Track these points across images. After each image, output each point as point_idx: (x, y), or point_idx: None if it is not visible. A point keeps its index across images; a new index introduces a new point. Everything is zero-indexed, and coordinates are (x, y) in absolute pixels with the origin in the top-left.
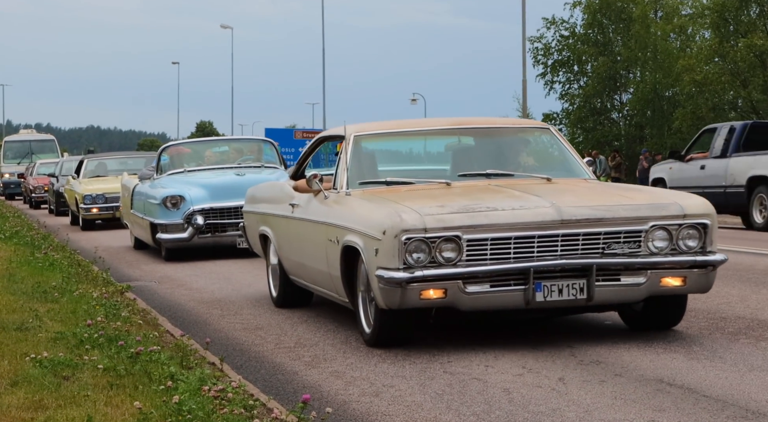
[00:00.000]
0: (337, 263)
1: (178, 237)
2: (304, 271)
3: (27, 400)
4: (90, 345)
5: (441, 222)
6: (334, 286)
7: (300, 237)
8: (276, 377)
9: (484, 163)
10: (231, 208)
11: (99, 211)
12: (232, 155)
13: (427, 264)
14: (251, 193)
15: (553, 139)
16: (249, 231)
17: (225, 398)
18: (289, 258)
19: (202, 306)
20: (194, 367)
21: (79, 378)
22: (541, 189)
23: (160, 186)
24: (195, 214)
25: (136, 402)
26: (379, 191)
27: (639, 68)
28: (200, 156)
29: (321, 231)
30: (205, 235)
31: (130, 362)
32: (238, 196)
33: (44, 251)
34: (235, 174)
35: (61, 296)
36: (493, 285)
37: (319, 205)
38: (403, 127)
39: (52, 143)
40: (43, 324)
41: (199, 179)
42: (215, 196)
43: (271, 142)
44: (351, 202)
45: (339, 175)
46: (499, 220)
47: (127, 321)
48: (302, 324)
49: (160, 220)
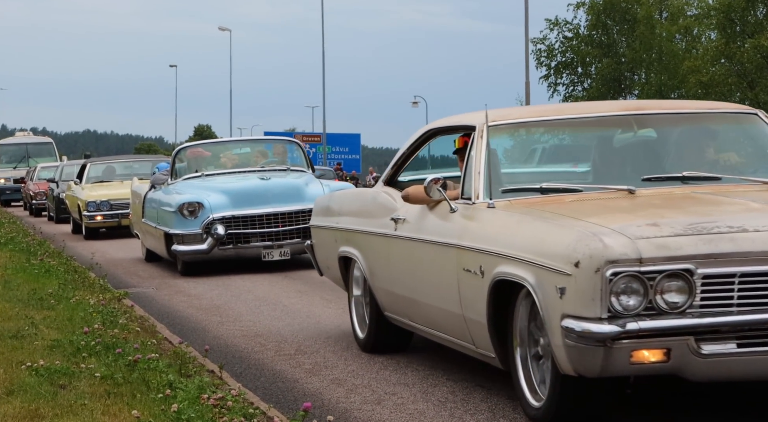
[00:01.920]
0: (480, 303)
1: (197, 249)
2: (414, 309)
3: (23, 409)
4: (87, 353)
5: (663, 249)
6: (468, 334)
7: (410, 264)
8: (276, 385)
9: (675, 162)
10: (255, 216)
11: (103, 219)
12: (255, 158)
13: (642, 313)
14: (324, 202)
15: (762, 128)
16: (320, 251)
17: (224, 406)
18: (388, 291)
19: (200, 312)
20: (193, 375)
21: (76, 387)
22: None
23: (175, 192)
24: (215, 223)
25: (134, 411)
26: (533, 202)
27: (644, 70)
28: (219, 159)
29: (450, 258)
30: (227, 247)
31: (128, 370)
32: (262, 203)
33: (40, 257)
34: (258, 178)
35: (57, 303)
36: (742, 345)
37: (442, 221)
38: (558, 113)
39: (49, 146)
40: (39, 331)
41: (218, 184)
42: (237, 202)
43: (297, 142)
44: (499, 217)
45: (470, 181)
46: (753, 247)
47: (125, 328)
48: (303, 331)
49: (175, 230)
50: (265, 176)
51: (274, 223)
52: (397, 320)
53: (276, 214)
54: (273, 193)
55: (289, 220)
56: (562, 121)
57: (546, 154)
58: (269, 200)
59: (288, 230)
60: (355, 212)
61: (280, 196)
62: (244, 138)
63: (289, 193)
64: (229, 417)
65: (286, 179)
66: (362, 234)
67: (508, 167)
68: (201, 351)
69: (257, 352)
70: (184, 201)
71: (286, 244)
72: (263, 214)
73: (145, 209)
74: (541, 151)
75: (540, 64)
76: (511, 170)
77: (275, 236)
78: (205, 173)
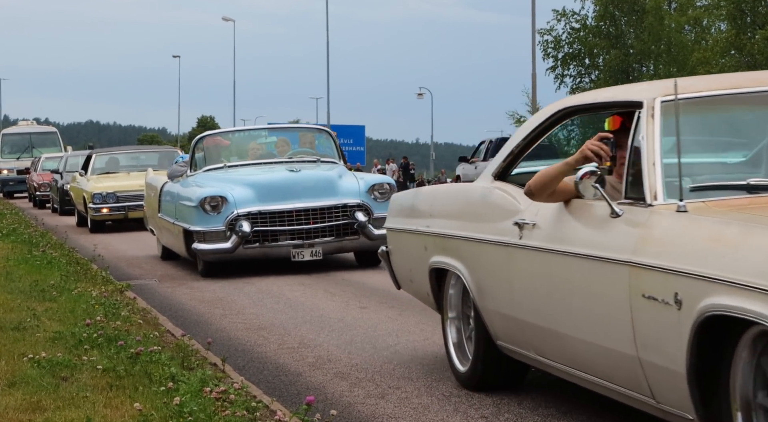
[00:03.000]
0: (673, 344)
1: (220, 247)
2: (549, 343)
3: (25, 401)
4: (89, 345)
5: None
6: (645, 383)
7: (545, 283)
8: (279, 378)
9: None
10: (284, 212)
11: (110, 212)
12: (281, 147)
13: None
14: (407, 200)
15: None
16: (401, 260)
17: (227, 399)
18: (506, 315)
19: (203, 305)
20: (195, 368)
21: (78, 379)
22: None
23: (195, 184)
24: (240, 219)
25: (136, 404)
26: (736, 204)
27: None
28: (243, 148)
29: (618, 279)
30: (252, 245)
31: (130, 362)
32: (292, 197)
33: (42, 249)
34: (287, 170)
35: (59, 295)
36: None
37: (599, 229)
38: (759, 85)
39: (54, 136)
40: (41, 323)
41: (243, 176)
42: (264, 196)
43: (328, 130)
44: (700, 226)
45: (643, 176)
46: None
47: (127, 320)
48: (306, 324)
49: (196, 227)
50: (295, 168)
51: (304, 220)
52: (518, 353)
53: (307, 210)
54: (303, 187)
55: (322, 217)
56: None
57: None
58: (299, 194)
59: (320, 227)
60: (455, 214)
61: (311, 189)
62: (270, 126)
63: (322, 186)
64: (231, 411)
65: (317, 171)
66: (468, 242)
67: (693, 156)
68: (203, 343)
69: (260, 345)
70: (205, 195)
71: (318, 243)
72: (293, 210)
73: (162, 203)
74: (739, 132)
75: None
76: (696, 160)
77: (306, 234)
78: (228, 164)
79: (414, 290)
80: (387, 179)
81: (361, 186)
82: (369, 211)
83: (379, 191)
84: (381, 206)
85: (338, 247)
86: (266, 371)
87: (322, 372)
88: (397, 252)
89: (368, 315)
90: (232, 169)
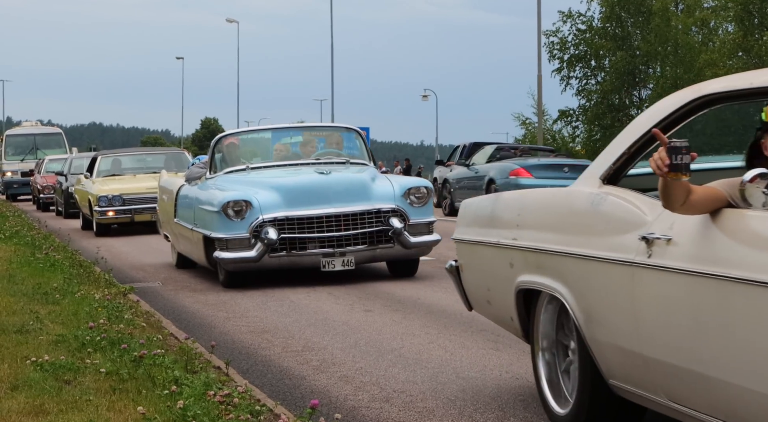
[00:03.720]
0: None
1: (244, 256)
2: (693, 389)
3: (27, 405)
4: (92, 348)
5: None
6: None
7: (687, 313)
8: (283, 381)
9: None
10: (313, 218)
11: (115, 215)
12: (307, 148)
13: None
14: (484, 207)
15: None
16: (475, 278)
17: (231, 403)
18: (625, 349)
19: (207, 308)
20: (199, 371)
21: (81, 383)
22: None
23: (216, 188)
24: (265, 226)
25: (140, 407)
26: None
27: (659, 63)
28: (266, 149)
29: None
30: (279, 254)
31: (133, 366)
32: (321, 202)
33: (45, 251)
34: (316, 172)
35: (62, 298)
36: None
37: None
38: None
39: (59, 137)
40: (43, 326)
41: (268, 179)
42: (292, 201)
43: (357, 129)
44: None
45: None
46: None
47: (130, 323)
48: (310, 327)
49: (218, 234)
50: (324, 170)
51: (335, 227)
52: (640, 396)
53: (338, 216)
54: (334, 191)
55: (354, 223)
56: None
57: None
58: (330, 199)
59: (352, 235)
60: (553, 224)
61: (342, 193)
62: (296, 125)
63: (354, 190)
64: (235, 414)
65: (348, 173)
66: (572, 259)
67: None
68: (207, 347)
69: (264, 348)
70: (228, 199)
71: (350, 252)
72: (323, 216)
73: (179, 208)
74: None
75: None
76: None
77: (337, 242)
78: (251, 166)
79: (493, 313)
80: (424, 182)
81: (396, 190)
82: (405, 217)
83: (416, 195)
84: (417, 211)
85: (371, 256)
86: (270, 374)
87: (327, 375)
88: (471, 269)
89: (373, 319)
90: (256, 170)
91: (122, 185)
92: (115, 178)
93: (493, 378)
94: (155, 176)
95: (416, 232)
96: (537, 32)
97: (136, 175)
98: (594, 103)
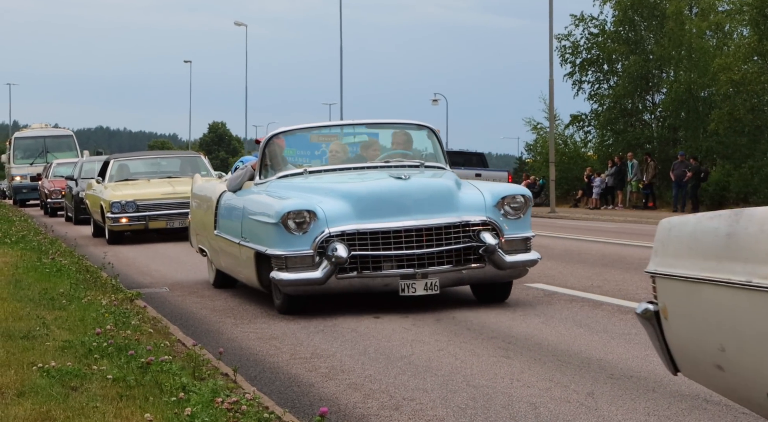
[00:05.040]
0: None
1: (307, 277)
2: None
3: (34, 412)
4: (99, 354)
5: None
6: None
7: None
8: (292, 389)
9: None
10: (390, 232)
11: (129, 222)
12: (369, 149)
13: None
14: (712, 227)
15: None
16: (698, 329)
17: (239, 410)
18: None
19: (214, 314)
20: (207, 378)
21: (88, 389)
22: None
23: (271, 195)
24: (333, 241)
25: (147, 415)
26: None
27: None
28: (322, 149)
29: None
30: (348, 275)
31: (141, 372)
32: (399, 213)
33: (51, 256)
34: (392, 176)
35: (68, 303)
36: None
37: None
38: None
39: (69, 140)
40: (50, 332)
41: (334, 185)
42: (364, 211)
43: (431, 127)
44: None
45: None
46: None
47: (137, 329)
48: (319, 333)
49: (276, 250)
50: (402, 174)
51: (416, 243)
52: None
53: (420, 229)
54: (414, 199)
55: (438, 238)
56: None
57: None
58: (409, 209)
59: (436, 252)
60: None
61: (424, 203)
62: (359, 121)
63: (438, 198)
64: None
65: (431, 179)
66: None
67: None
68: (215, 353)
69: (272, 355)
70: (289, 208)
71: (434, 273)
72: (401, 229)
73: (220, 218)
74: None
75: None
76: None
77: (418, 261)
78: (309, 169)
79: (727, 385)
80: (521, 190)
81: (488, 198)
82: (498, 232)
83: (511, 205)
84: (513, 224)
85: (457, 278)
86: (278, 381)
87: (335, 383)
88: (689, 317)
89: (382, 325)
90: (315, 175)
91: (136, 190)
92: (129, 182)
93: (504, 386)
94: (170, 181)
95: (512, 250)
96: (549, 36)
97: (150, 180)
98: (606, 107)
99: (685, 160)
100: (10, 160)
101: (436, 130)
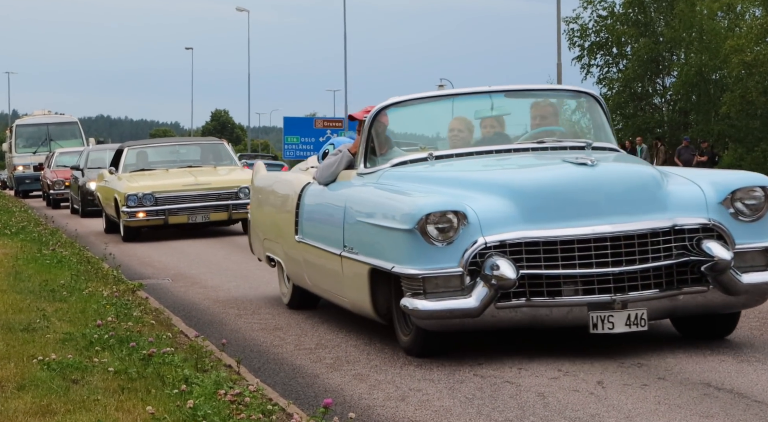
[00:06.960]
0: None
1: (456, 306)
2: None
3: (34, 405)
4: (100, 346)
5: None
6: None
7: None
8: (296, 380)
9: None
10: (574, 241)
11: (146, 216)
12: (497, 129)
13: None
14: None
15: None
16: None
17: (242, 402)
18: None
19: (217, 305)
20: (210, 370)
21: (89, 382)
22: None
23: (393, 190)
24: (491, 255)
25: (149, 407)
26: None
27: (683, 50)
28: (465, 126)
29: None
30: (512, 303)
31: (142, 364)
32: (585, 214)
33: (52, 247)
34: (568, 161)
35: (69, 295)
36: None
37: None
38: None
39: (74, 127)
40: (50, 324)
41: (483, 174)
42: (534, 212)
43: (593, 94)
44: None
45: None
46: None
47: (139, 321)
48: (323, 324)
49: (409, 267)
50: (588, 159)
51: (613, 257)
52: None
53: (617, 238)
54: (607, 194)
55: (643, 252)
56: None
57: None
58: (601, 209)
59: (640, 270)
60: None
61: (621, 199)
62: (496, 88)
63: (640, 193)
64: (246, 414)
65: (625, 165)
66: None
67: None
68: (218, 345)
69: (276, 346)
70: (430, 209)
71: (639, 301)
72: (590, 238)
73: (305, 220)
74: None
75: (573, 45)
76: None
77: (616, 283)
78: (435, 154)
79: None
80: (760, 179)
81: (709, 193)
82: (727, 240)
83: (745, 201)
84: (748, 230)
85: (671, 308)
86: (282, 373)
87: (340, 373)
88: None
89: None
90: (443, 161)
91: (154, 182)
92: (145, 173)
93: (512, 375)
94: (191, 171)
95: (747, 267)
96: (556, 19)
97: (168, 170)
98: (616, 91)
99: (690, 145)
100: (11, 149)
101: (599, 97)
